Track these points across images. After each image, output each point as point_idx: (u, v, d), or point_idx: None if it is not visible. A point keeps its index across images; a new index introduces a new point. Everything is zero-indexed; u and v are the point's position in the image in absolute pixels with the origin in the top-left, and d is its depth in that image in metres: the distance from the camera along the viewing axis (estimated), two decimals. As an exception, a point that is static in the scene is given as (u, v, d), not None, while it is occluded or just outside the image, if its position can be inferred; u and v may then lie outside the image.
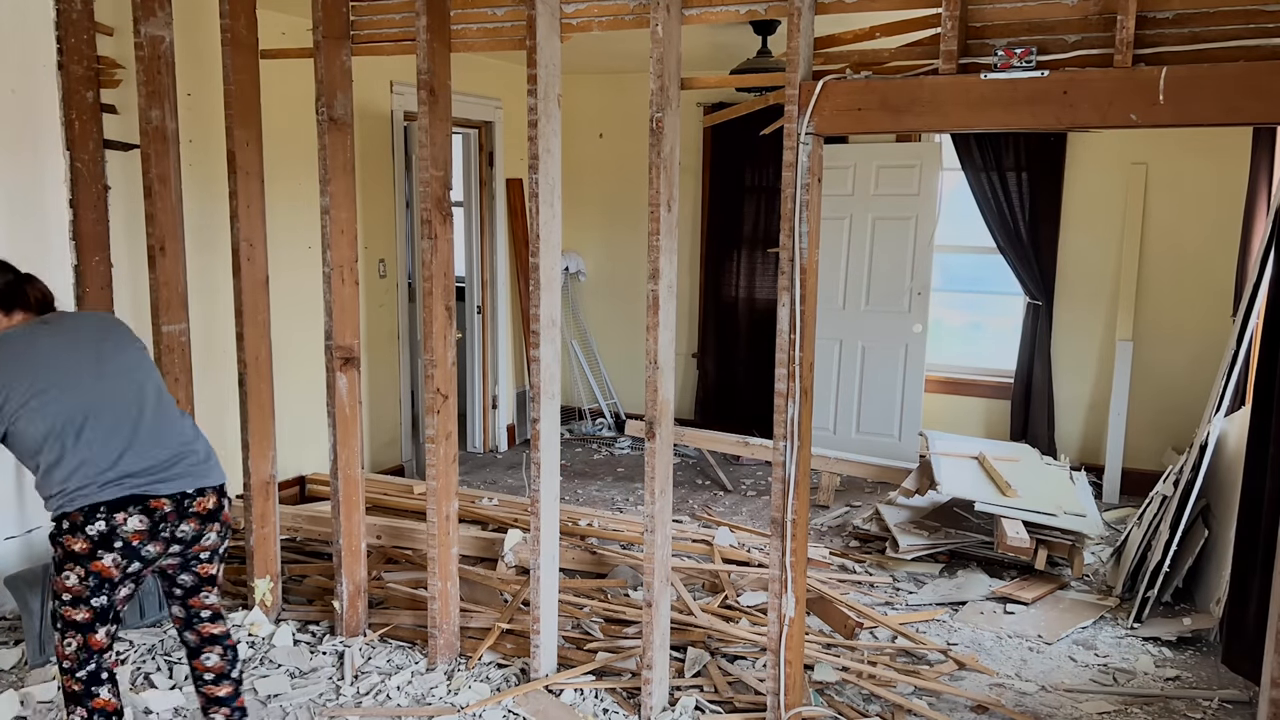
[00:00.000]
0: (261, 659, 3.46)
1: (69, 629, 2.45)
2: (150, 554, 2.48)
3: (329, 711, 3.15)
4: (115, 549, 2.41)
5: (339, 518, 3.54)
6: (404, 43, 3.36)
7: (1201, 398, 4.98)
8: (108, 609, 2.46)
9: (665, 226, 2.94)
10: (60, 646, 2.47)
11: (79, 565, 2.40)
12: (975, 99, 2.54)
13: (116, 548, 2.41)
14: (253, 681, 3.29)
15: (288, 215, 4.55)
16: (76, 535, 2.39)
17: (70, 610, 2.43)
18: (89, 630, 2.45)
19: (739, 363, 6.60)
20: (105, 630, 2.48)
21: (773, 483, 2.87)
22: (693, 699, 3.19)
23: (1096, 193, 5.62)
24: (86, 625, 2.44)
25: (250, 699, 3.19)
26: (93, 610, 2.44)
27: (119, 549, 2.41)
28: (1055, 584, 4.23)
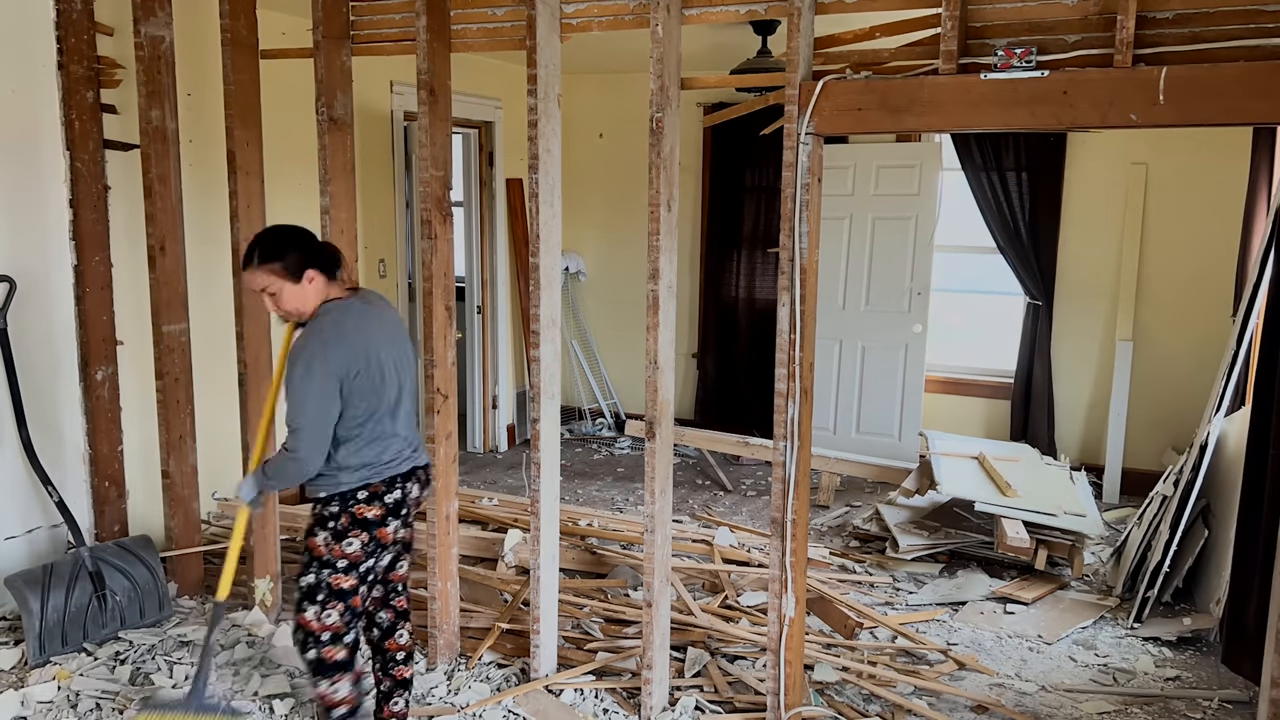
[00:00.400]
0: (262, 659, 3.46)
1: (333, 598, 2.59)
2: (410, 521, 2.76)
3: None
4: (400, 515, 2.66)
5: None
6: (404, 43, 3.36)
7: (1201, 398, 4.98)
8: (370, 573, 2.65)
9: (665, 226, 2.94)
10: (319, 619, 2.58)
11: (365, 531, 2.59)
12: (975, 99, 2.54)
13: (401, 514, 2.67)
14: (254, 681, 3.30)
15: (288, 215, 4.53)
16: (373, 504, 2.60)
17: (341, 578, 2.58)
18: (353, 595, 2.61)
19: (739, 363, 6.59)
20: (362, 596, 2.64)
21: (773, 483, 2.87)
22: (693, 699, 3.19)
23: (1096, 193, 5.62)
24: (352, 591, 2.61)
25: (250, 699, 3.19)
26: (360, 576, 2.61)
27: (403, 515, 2.67)
28: (1055, 584, 4.23)
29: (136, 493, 4.12)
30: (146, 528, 4.24)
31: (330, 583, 2.57)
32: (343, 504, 2.58)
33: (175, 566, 3.93)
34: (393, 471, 2.63)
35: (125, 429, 4.03)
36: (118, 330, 3.99)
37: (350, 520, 2.58)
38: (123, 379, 4.02)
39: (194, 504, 3.97)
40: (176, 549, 3.91)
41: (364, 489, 2.59)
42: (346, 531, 2.57)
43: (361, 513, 2.58)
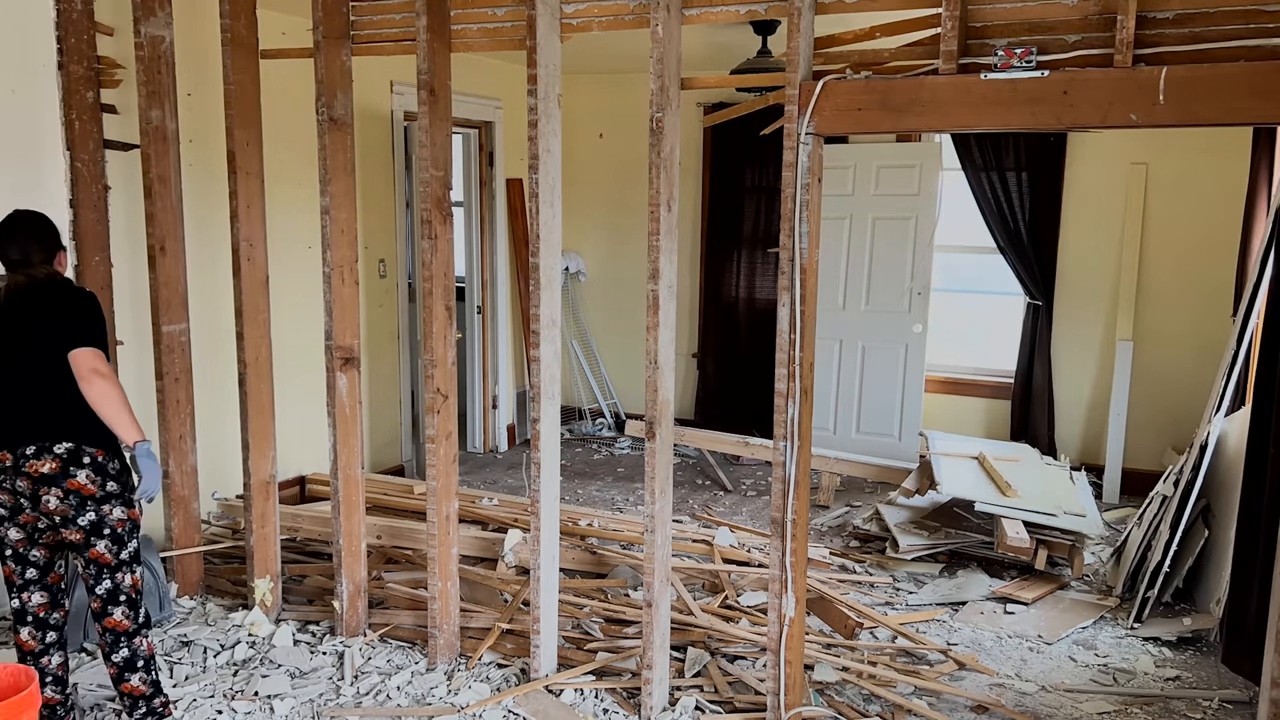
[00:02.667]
0: (262, 659, 3.46)
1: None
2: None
3: (329, 712, 3.14)
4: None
5: (339, 518, 3.54)
6: (404, 43, 3.36)
7: (1201, 398, 4.98)
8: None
9: (665, 226, 2.94)
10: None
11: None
12: (975, 99, 2.54)
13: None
14: (254, 681, 3.30)
15: (288, 215, 4.55)
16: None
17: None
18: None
19: (739, 363, 6.59)
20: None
21: (773, 483, 2.87)
22: (693, 699, 3.19)
23: (1096, 193, 5.62)
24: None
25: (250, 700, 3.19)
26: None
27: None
28: (1055, 584, 4.23)
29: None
30: (147, 528, 4.24)
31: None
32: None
33: (175, 566, 3.93)
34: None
35: (125, 429, 4.02)
36: (118, 330, 3.99)
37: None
38: (123, 379, 3.99)
39: (194, 504, 3.97)
40: (176, 549, 3.91)
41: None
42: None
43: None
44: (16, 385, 2.71)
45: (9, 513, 2.73)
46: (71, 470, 2.68)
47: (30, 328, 2.70)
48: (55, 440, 2.67)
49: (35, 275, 2.74)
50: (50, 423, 2.69)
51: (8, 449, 2.68)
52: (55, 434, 2.68)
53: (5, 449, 2.68)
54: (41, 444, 2.67)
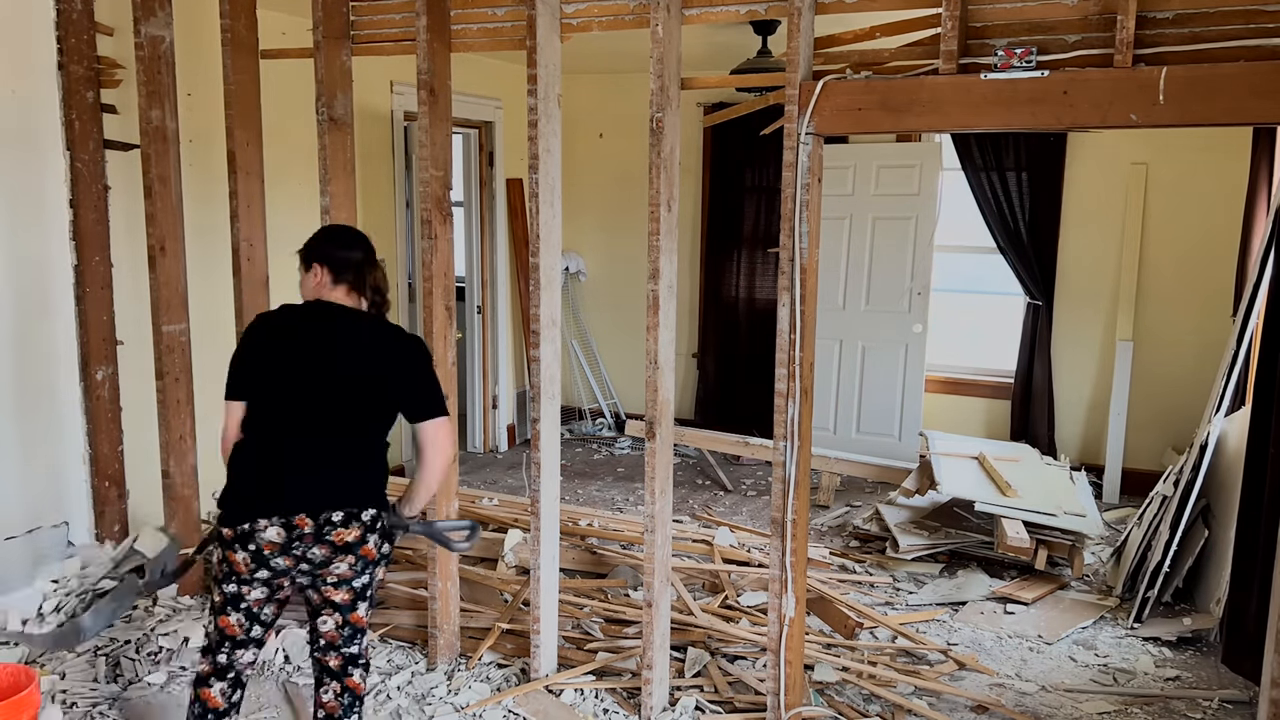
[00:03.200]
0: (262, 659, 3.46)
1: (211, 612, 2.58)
2: (293, 567, 2.50)
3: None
4: (249, 550, 2.48)
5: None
6: (404, 43, 3.36)
7: (1201, 398, 4.98)
8: (235, 599, 2.54)
9: (665, 226, 2.94)
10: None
11: (221, 549, 2.52)
12: (975, 99, 2.54)
13: (250, 549, 2.47)
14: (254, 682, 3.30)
15: (288, 215, 4.55)
16: (223, 524, 2.50)
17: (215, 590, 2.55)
18: (220, 613, 2.55)
19: (739, 363, 6.59)
20: (232, 621, 2.53)
21: (773, 483, 2.87)
22: (693, 699, 3.19)
23: (1096, 193, 5.62)
24: (219, 608, 2.56)
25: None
26: (224, 596, 2.55)
27: (252, 550, 2.47)
28: (1055, 584, 4.23)
29: (136, 493, 4.12)
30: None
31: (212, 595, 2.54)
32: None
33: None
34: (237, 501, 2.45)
35: (125, 429, 4.03)
36: (118, 330, 3.99)
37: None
38: (123, 379, 4.02)
39: (194, 504, 3.97)
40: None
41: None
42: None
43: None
44: (320, 439, 2.46)
45: (271, 576, 2.45)
46: (367, 536, 2.46)
47: (361, 378, 2.47)
48: (363, 506, 2.45)
49: (369, 311, 2.57)
50: (360, 487, 2.47)
51: (308, 513, 2.39)
52: (363, 499, 2.45)
53: (305, 513, 2.39)
54: (350, 510, 2.42)
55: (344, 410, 2.47)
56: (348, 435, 2.49)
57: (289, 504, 2.38)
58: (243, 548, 2.41)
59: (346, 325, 2.52)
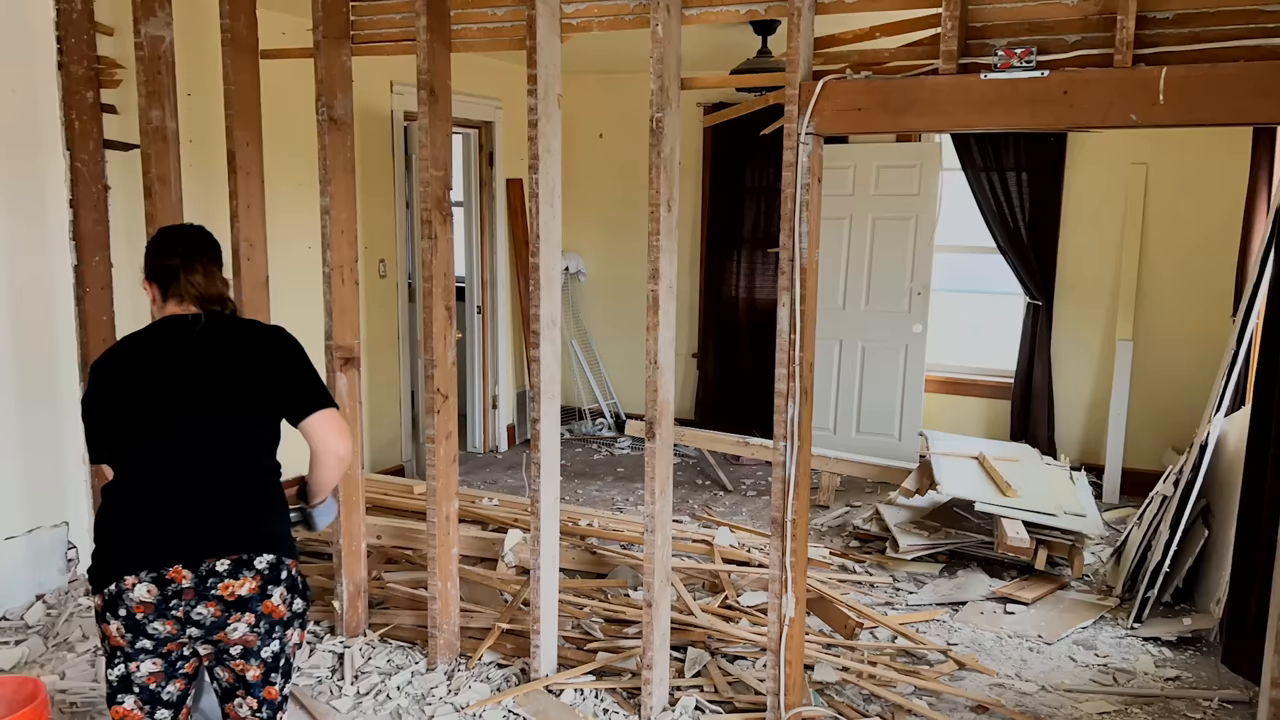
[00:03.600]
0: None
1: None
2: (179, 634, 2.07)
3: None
4: (120, 616, 2.05)
5: (339, 518, 3.54)
6: (404, 43, 3.36)
7: (1201, 398, 4.98)
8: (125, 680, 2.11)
9: (665, 226, 2.94)
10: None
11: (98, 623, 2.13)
12: (975, 99, 2.54)
13: (121, 615, 2.05)
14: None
15: (288, 215, 4.55)
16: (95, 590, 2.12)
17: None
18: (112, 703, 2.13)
19: (739, 363, 6.59)
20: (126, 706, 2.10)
21: (773, 483, 2.87)
22: (693, 699, 3.19)
23: (1096, 193, 5.62)
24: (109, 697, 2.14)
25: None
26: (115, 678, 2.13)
27: (123, 617, 2.04)
28: (1055, 584, 4.23)
29: (136, 493, 4.12)
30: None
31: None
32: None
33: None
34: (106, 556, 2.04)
35: (125, 429, 4.03)
36: (118, 330, 3.99)
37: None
38: (123, 379, 4.01)
39: (194, 504, 3.96)
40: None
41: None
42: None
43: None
44: (191, 477, 2.05)
45: (155, 645, 2.02)
46: (268, 589, 2.06)
47: (225, 388, 2.11)
48: (256, 551, 2.04)
49: (223, 311, 2.20)
50: (247, 527, 2.06)
51: (185, 564, 1.98)
52: (255, 543, 2.05)
53: (182, 564, 1.98)
54: (238, 557, 2.02)
55: (210, 439, 2.08)
56: (224, 467, 2.09)
57: (160, 554, 1.98)
58: (114, 615, 1.99)
59: (186, 342, 2.13)
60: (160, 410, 2.07)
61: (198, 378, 2.10)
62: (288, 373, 2.19)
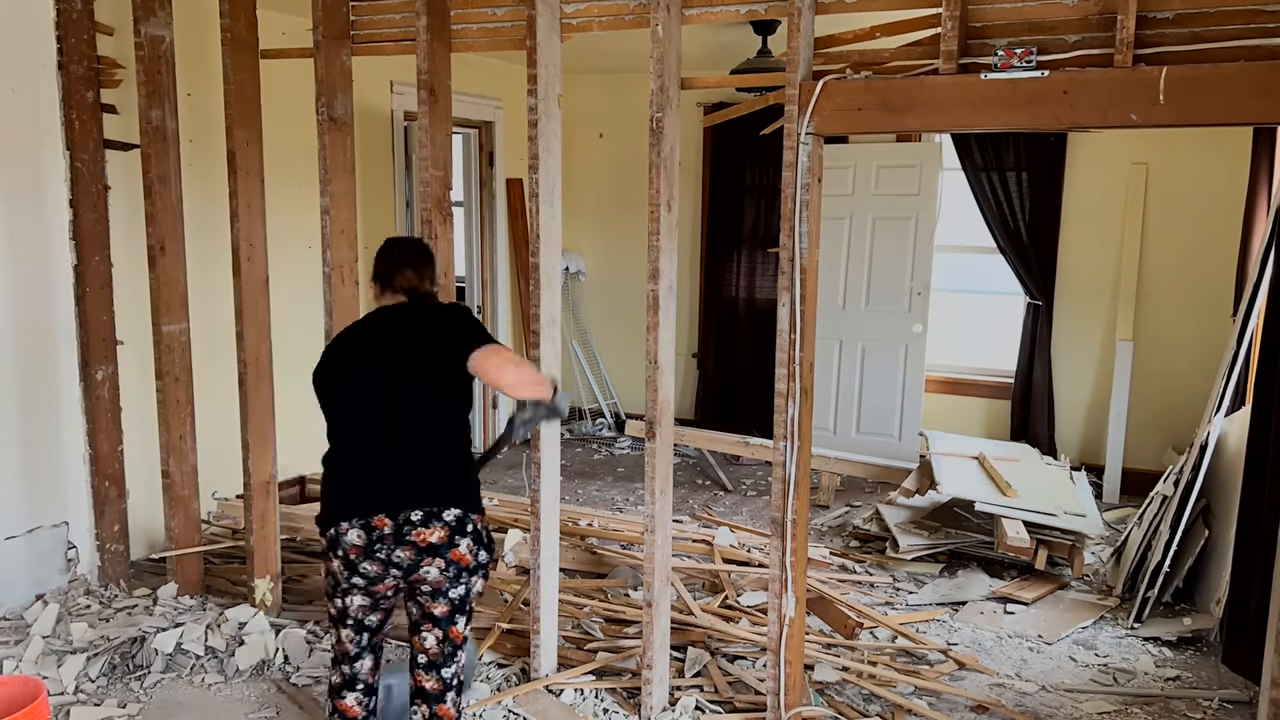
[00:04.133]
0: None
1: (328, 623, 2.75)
2: (379, 571, 2.47)
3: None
4: (339, 555, 2.49)
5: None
6: (404, 43, 3.36)
7: (1201, 398, 4.98)
8: (343, 614, 2.56)
9: (665, 226, 2.94)
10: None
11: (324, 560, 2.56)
12: (975, 99, 2.54)
13: (339, 554, 2.49)
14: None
15: (288, 215, 4.55)
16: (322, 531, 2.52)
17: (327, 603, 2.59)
18: (333, 625, 2.60)
19: (739, 363, 6.59)
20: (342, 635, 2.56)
21: (773, 483, 2.87)
22: (693, 699, 3.19)
23: (1096, 193, 5.62)
24: (332, 621, 2.61)
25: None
26: (335, 610, 2.59)
27: (340, 556, 2.49)
28: (1055, 584, 4.23)
29: (136, 493, 4.12)
30: (146, 528, 4.25)
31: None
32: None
33: (175, 566, 3.92)
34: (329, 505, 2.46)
35: (125, 429, 4.03)
36: (118, 330, 3.99)
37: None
38: (123, 379, 4.02)
39: (194, 504, 3.97)
40: (176, 549, 3.91)
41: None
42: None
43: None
44: (393, 436, 2.43)
45: (367, 582, 2.43)
46: (456, 539, 2.40)
47: (412, 363, 2.46)
48: (444, 506, 2.39)
49: (418, 298, 2.58)
50: (438, 485, 2.42)
51: (387, 514, 2.37)
52: (444, 498, 2.40)
53: (384, 513, 2.37)
54: (429, 509, 2.38)
55: (408, 407, 2.44)
56: (419, 431, 2.44)
57: (366, 505, 2.38)
58: (334, 555, 2.43)
59: (389, 320, 2.55)
60: (360, 388, 2.45)
61: (397, 352, 2.46)
62: (457, 328, 2.50)
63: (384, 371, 2.46)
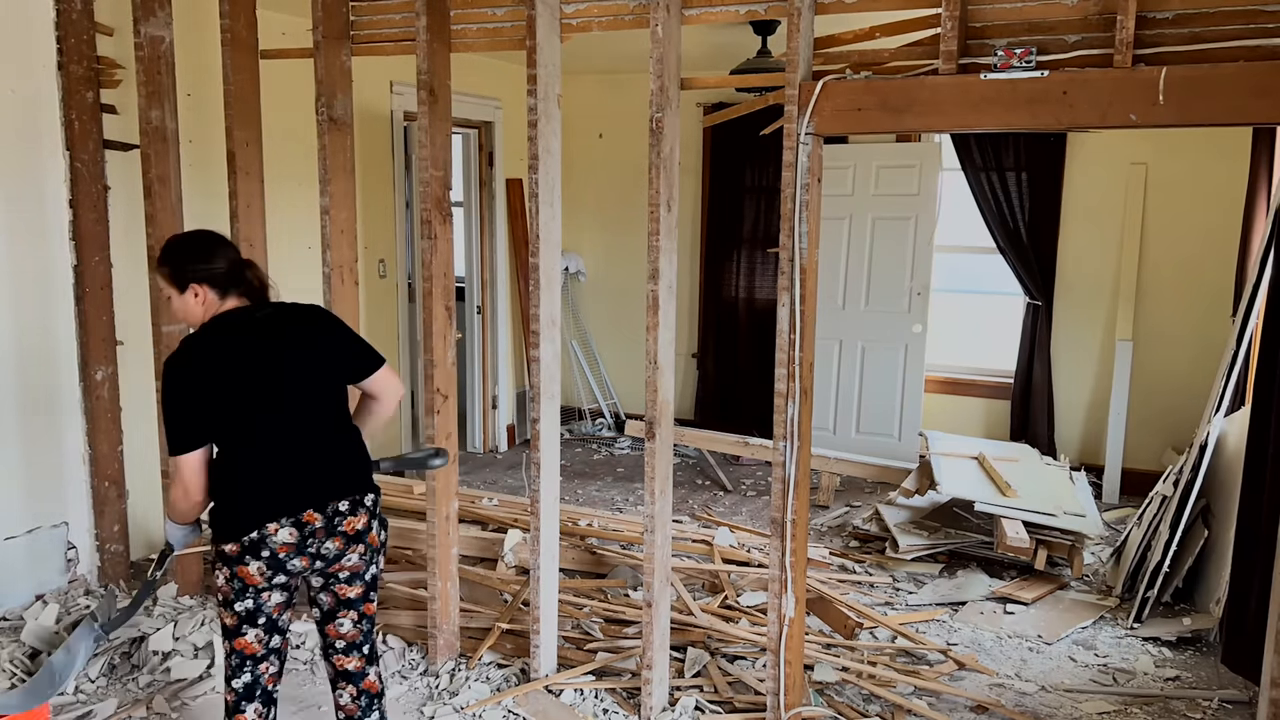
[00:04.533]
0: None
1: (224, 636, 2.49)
2: (302, 566, 2.44)
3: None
4: (262, 557, 2.38)
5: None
6: (404, 43, 3.36)
7: (1201, 398, 4.98)
8: (254, 615, 2.45)
9: (665, 226, 2.94)
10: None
11: (226, 566, 2.46)
12: (975, 99, 2.54)
13: (263, 556, 2.38)
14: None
15: (288, 215, 4.55)
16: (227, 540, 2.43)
17: (223, 613, 2.48)
18: (236, 635, 2.45)
19: (739, 363, 6.59)
20: (250, 639, 2.44)
21: (773, 483, 2.87)
22: (693, 699, 3.19)
23: (1096, 193, 5.62)
24: (234, 630, 2.45)
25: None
26: (235, 615, 2.44)
27: (264, 558, 2.38)
28: (1055, 584, 4.23)
29: (136, 493, 4.12)
30: (146, 528, 4.24)
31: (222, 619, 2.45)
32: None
33: (175, 566, 3.92)
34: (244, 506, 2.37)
35: (125, 429, 4.03)
36: (118, 330, 3.99)
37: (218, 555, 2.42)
38: (123, 379, 4.02)
39: (194, 504, 3.96)
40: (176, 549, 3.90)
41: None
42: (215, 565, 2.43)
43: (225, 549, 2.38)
44: (305, 431, 2.42)
45: (288, 579, 2.39)
46: (371, 523, 2.47)
47: (310, 368, 2.44)
48: (364, 491, 2.45)
49: (274, 298, 2.52)
50: (355, 472, 2.46)
51: (315, 508, 2.36)
52: (362, 485, 2.45)
53: (313, 508, 2.36)
54: (354, 498, 2.42)
55: (307, 406, 2.43)
56: (321, 427, 2.46)
57: (294, 503, 2.35)
58: (254, 557, 2.34)
59: (262, 327, 2.43)
60: (264, 389, 2.38)
61: (284, 358, 2.42)
62: (348, 343, 2.56)
63: (282, 380, 2.40)
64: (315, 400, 2.45)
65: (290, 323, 2.48)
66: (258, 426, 2.38)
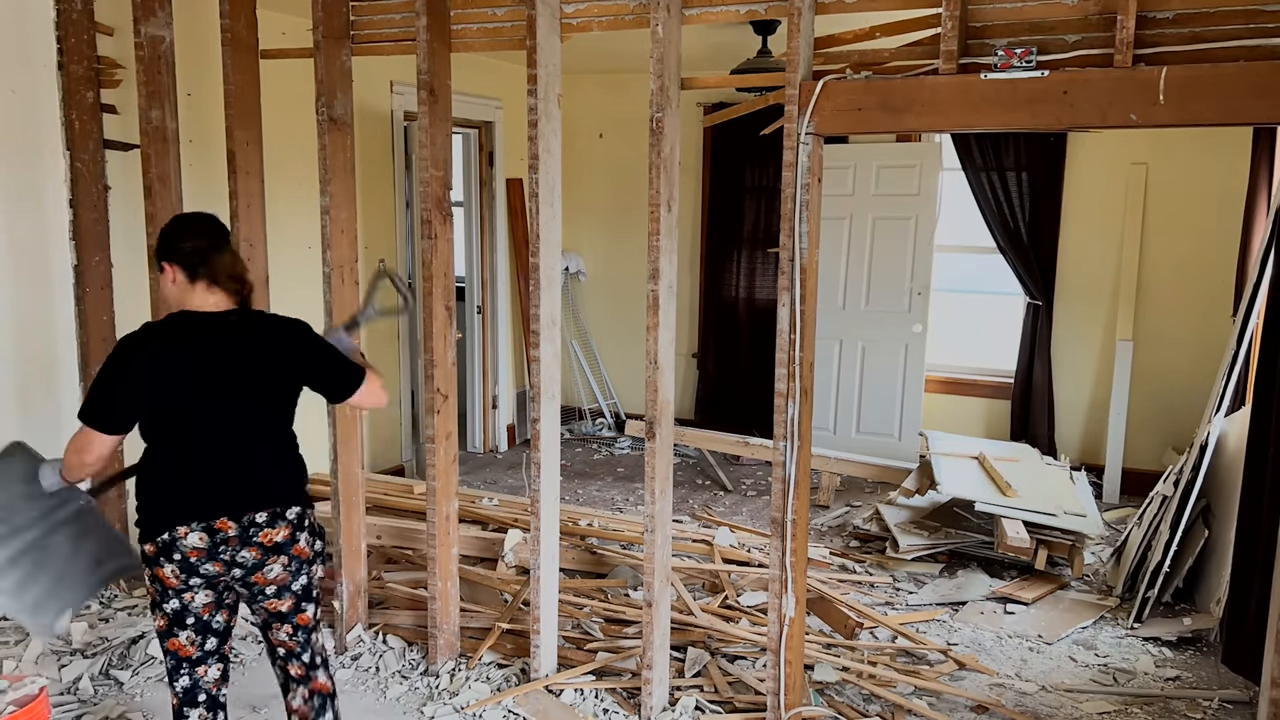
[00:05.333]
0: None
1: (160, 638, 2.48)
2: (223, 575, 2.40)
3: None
4: (175, 561, 2.34)
5: (339, 518, 3.54)
6: (404, 43, 3.36)
7: (1201, 398, 4.98)
8: (182, 616, 2.41)
9: (665, 226, 2.94)
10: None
11: (148, 568, 2.43)
12: (975, 99, 2.54)
13: (175, 560, 2.34)
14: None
15: (288, 215, 4.55)
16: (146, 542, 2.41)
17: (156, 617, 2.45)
18: (169, 637, 2.43)
19: (739, 363, 6.59)
20: (183, 641, 2.42)
21: (773, 483, 2.87)
22: (693, 699, 3.19)
23: (1096, 193, 5.62)
24: (167, 632, 2.43)
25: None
26: (165, 616, 2.42)
27: (177, 562, 2.34)
28: (1055, 584, 4.23)
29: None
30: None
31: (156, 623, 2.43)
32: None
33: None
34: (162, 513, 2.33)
35: (125, 429, 4.02)
36: (118, 330, 3.99)
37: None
38: (123, 379, 4.01)
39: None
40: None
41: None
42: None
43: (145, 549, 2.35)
44: (235, 441, 2.37)
45: (205, 581, 2.35)
46: (296, 535, 2.41)
47: (262, 376, 2.40)
48: (287, 505, 2.40)
49: (243, 290, 2.43)
50: (280, 486, 2.41)
51: (230, 516, 2.32)
52: (286, 498, 2.40)
53: (227, 516, 2.32)
54: (274, 510, 2.37)
55: (246, 417, 2.39)
56: (258, 438, 2.42)
57: (207, 508, 2.30)
58: (168, 559, 2.31)
59: (224, 329, 2.37)
60: (205, 395, 2.34)
61: (237, 367, 2.37)
62: (323, 364, 2.51)
63: (227, 390, 2.36)
64: (254, 412, 2.40)
65: (254, 334, 2.41)
66: (189, 431, 2.34)
